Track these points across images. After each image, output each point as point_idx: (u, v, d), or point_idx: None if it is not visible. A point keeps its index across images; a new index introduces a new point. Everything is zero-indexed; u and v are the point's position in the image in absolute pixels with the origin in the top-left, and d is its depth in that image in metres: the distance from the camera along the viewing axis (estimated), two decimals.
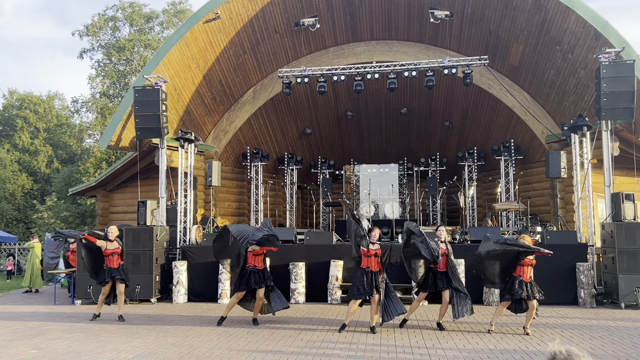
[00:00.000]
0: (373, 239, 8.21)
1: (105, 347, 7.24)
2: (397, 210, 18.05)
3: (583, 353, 1.49)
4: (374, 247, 8.25)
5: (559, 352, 1.51)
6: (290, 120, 18.59)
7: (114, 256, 9.28)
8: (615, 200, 11.10)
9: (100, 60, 33.30)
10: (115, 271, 9.25)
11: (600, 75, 11.11)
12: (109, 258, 9.27)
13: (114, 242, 9.38)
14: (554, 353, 1.52)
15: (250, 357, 6.60)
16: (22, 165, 35.79)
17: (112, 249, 9.30)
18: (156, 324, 9.06)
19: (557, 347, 1.52)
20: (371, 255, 8.18)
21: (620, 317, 9.38)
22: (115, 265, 9.29)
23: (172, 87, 14.22)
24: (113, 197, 18.61)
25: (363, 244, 8.17)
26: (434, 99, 17.50)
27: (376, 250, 8.24)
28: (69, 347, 7.29)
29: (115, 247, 9.36)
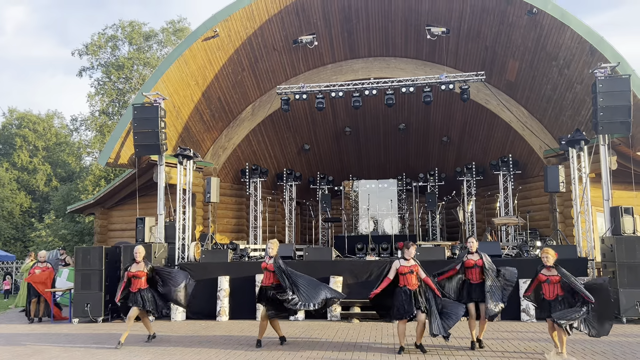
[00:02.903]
0: (408, 256, 7.73)
1: None
2: (397, 225, 18.01)
3: None
4: (408, 263, 7.72)
5: None
6: (289, 137, 18.65)
7: (135, 279, 8.63)
8: (614, 214, 11.09)
9: (99, 79, 33.54)
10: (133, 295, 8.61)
11: (597, 90, 11.17)
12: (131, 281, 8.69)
13: (140, 263, 8.72)
14: None
15: None
16: (20, 183, 35.77)
17: (134, 271, 8.66)
18: (154, 342, 8.96)
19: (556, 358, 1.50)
20: (406, 273, 7.66)
21: (622, 332, 9.30)
22: (134, 289, 8.63)
23: (171, 104, 14.28)
24: (111, 215, 18.57)
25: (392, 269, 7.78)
26: (432, 115, 17.59)
27: (411, 266, 7.68)
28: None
29: (139, 269, 8.66)
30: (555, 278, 7.19)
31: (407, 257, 7.72)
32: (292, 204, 19.23)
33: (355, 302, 11.44)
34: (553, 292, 7.21)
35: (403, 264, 7.69)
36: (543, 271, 7.32)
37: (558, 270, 7.21)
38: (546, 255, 7.30)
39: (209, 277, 11.88)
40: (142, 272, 8.63)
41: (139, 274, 8.60)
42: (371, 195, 18.20)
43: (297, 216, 20.23)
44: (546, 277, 7.25)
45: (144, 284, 8.66)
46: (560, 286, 7.17)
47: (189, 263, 12.70)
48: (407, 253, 7.74)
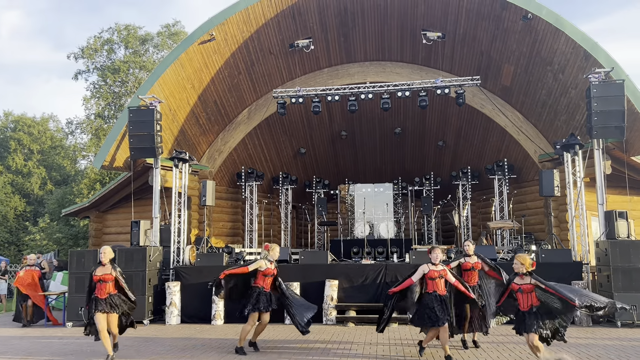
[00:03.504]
0: (435, 260, 7.31)
1: None
2: (392, 229, 18.01)
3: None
4: (437, 268, 7.30)
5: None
6: (285, 140, 18.66)
7: (101, 283, 7.57)
8: (608, 218, 11.14)
9: (95, 82, 33.47)
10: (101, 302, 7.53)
11: (591, 95, 11.24)
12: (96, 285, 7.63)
13: (106, 265, 7.71)
14: None
15: None
16: (15, 187, 35.59)
17: (100, 274, 7.63)
18: (148, 346, 8.92)
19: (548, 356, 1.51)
20: (436, 278, 7.22)
21: (616, 335, 9.33)
22: (103, 294, 7.57)
23: (167, 107, 14.27)
24: (106, 218, 18.51)
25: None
26: (428, 119, 17.64)
27: (440, 271, 7.28)
28: None
29: (105, 272, 7.64)
30: (528, 287, 6.66)
31: (434, 262, 7.33)
32: (288, 208, 19.22)
33: (351, 306, 11.43)
34: (527, 302, 6.66)
35: (432, 268, 7.28)
36: (516, 280, 6.79)
37: (532, 278, 6.68)
38: (518, 262, 6.75)
39: (204, 280, 11.81)
40: (109, 276, 7.58)
41: (106, 278, 7.55)
42: (367, 199, 18.20)
43: (293, 220, 20.21)
44: (518, 286, 6.73)
45: (112, 288, 7.64)
46: (536, 296, 6.64)
47: (184, 266, 12.66)
48: (433, 257, 7.34)
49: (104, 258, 7.68)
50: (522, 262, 6.72)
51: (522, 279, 6.72)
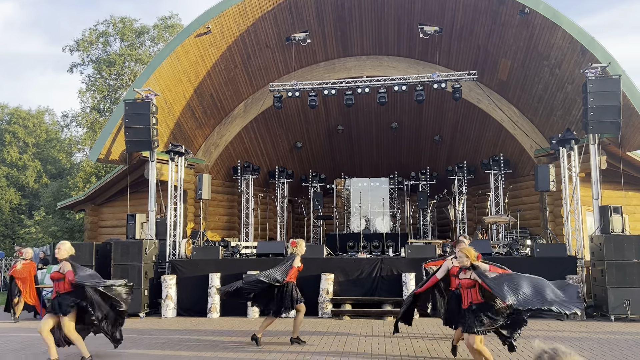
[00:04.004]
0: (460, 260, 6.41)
1: None
2: (388, 223, 18.05)
3: (570, 350, 1.49)
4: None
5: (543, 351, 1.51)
6: (281, 134, 18.63)
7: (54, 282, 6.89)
8: (603, 213, 11.19)
9: (90, 75, 33.29)
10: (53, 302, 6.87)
11: (587, 90, 11.27)
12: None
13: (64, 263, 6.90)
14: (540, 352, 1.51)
15: None
16: (10, 180, 35.46)
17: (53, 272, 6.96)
18: (144, 338, 8.93)
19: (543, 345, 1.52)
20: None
21: (610, 329, 9.39)
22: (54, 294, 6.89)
23: (163, 100, 14.22)
24: (102, 211, 18.47)
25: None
26: (424, 114, 17.65)
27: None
28: None
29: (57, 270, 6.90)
30: (467, 282, 5.98)
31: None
32: (284, 202, 19.22)
33: (347, 300, 11.47)
34: (467, 299, 6.01)
35: (455, 264, 6.57)
36: (460, 274, 6.15)
37: (474, 273, 5.91)
38: (462, 255, 6.02)
39: (200, 274, 11.86)
40: (58, 274, 6.80)
41: (56, 276, 6.82)
42: (363, 193, 18.24)
43: (289, 214, 20.22)
44: (459, 281, 6.14)
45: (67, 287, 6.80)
46: (479, 292, 5.93)
47: (180, 260, 12.66)
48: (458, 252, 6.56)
49: (58, 254, 6.94)
50: (467, 255, 5.99)
51: (464, 273, 6.03)
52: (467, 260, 5.96)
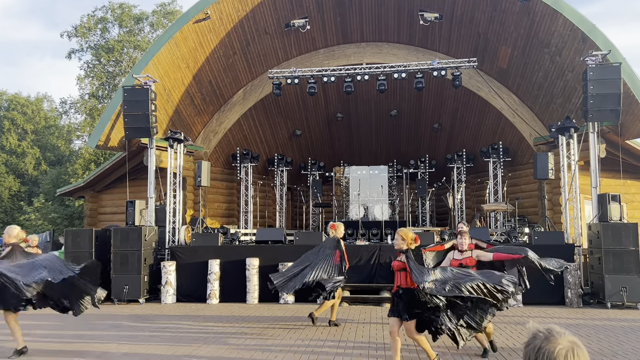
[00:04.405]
0: (462, 247, 6.48)
1: (92, 345, 7.18)
2: (387, 211, 18.11)
3: (564, 330, 1.51)
4: (462, 255, 6.49)
5: (538, 331, 1.52)
6: (281, 122, 18.60)
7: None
8: (601, 201, 11.21)
9: (89, 62, 33.12)
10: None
11: (587, 78, 11.23)
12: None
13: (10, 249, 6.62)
14: (535, 333, 1.53)
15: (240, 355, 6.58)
16: (9, 167, 35.43)
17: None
18: (144, 323, 8.99)
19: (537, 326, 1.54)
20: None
21: (606, 316, 9.47)
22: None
23: (162, 87, 14.16)
24: (101, 198, 18.49)
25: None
26: (424, 101, 17.60)
27: (462, 260, 6.42)
28: (55, 345, 7.22)
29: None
30: (397, 264, 5.74)
31: (461, 249, 6.54)
32: (283, 190, 19.25)
33: (345, 286, 11.51)
34: (396, 282, 5.78)
35: (456, 257, 6.54)
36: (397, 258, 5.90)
37: (406, 257, 5.61)
38: (399, 237, 5.70)
39: (200, 260, 11.90)
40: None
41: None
42: (362, 181, 18.25)
43: (288, 202, 20.26)
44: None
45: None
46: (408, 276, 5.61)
47: (180, 246, 12.70)
48: (460, 243, 6.55)
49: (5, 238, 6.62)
50: (404, 237, 5.66)
51: (399, 257, 5.78)
52: (402, 242, 5.64)
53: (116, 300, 11.54)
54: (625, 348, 6.81)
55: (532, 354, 1.48)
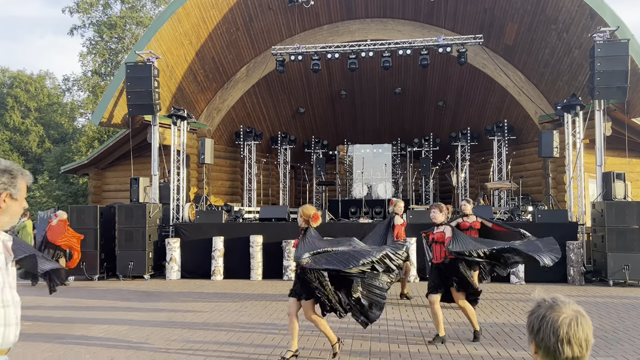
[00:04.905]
0: (436, 220, 6.10)
1: (100, 319, 7.27)
2: (390, 190, 18.11)
3: (569, 300, 1.51)
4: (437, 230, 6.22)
5: (543, 300, 1.53)
6: (284, 99, 18.49)
7: None
8: (606, 180, 11.17)
9: (91, 38, 32.90)
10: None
11: (595, 54, 11.08)
12: None
13: None
14: (539, 301, 1.53)
15: (242, 331, 6.65)
16: (12, 144, 35.48)
17: None
18: (149, 299, 9.10)
19: (542, 295, 1.54)
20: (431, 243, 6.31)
21: (608, 294, 9.52)
22: None
23: (165, 63, 14.07)
24: (105, 175, 18.53)
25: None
26: (428, 79, 17.45)
27: (436, 235, 6.16)
28: (63, 318, 7.32)
29: None
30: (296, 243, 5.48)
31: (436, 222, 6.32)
32: (287, 168, 19.24)
33: None
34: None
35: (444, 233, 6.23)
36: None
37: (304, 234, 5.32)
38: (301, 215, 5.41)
39: (204, 237, 11.97)
40: None
41: None
42: (365, 159, 18.20)
43: (292, 180, 20.27)
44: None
45: None
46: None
47: (184, 223, 12.77)
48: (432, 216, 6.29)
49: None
50: (302, 215, 5.38)
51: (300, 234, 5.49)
52: (301, 220, 5.38)
53: (121, 276, 11.66)
54: (626, 324, 6.85)
55: (535, 323, 1.49)
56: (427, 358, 5.35)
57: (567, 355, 1.45)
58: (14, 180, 2.17)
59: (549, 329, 1.45)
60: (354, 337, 6.26)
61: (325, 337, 5.52)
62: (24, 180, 2.22)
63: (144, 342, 6.08)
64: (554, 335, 1.45)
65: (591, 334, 1.48)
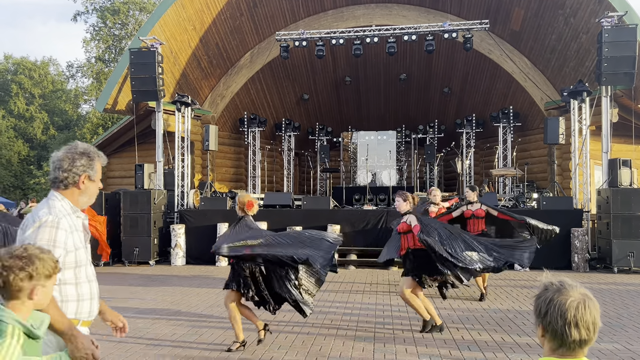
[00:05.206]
0: (400, 209, 5.95)
1: None
2: (394, 177, 18.08)
3: (576, 283, 1.50)
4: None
5: (550, 283, 1.52)
6: (288, 86, 18.41)
7: None
8: (612, 167, 11.12)
9: (94, 24, 32.80)
10: None
11: (602, 40, 10.97)
12: None
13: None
14: (547, 285, 1.53)
15: None
16: (17, 131, 35.58)
17: None
18: (155, 284, 9.16)
19: (549, 278, 1.53)
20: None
21: (612, 280, 9.52)
22: None
23: (168, 49, 14.01)
24: (110, 162, 18.54)
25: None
26: (434, 65, 17.31)
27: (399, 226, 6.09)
28: None
29: None
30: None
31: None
32: (291, 155, 19.21)
33: (352, 250, 11.63)
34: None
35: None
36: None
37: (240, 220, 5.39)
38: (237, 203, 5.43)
39: (208, 223, 12.01)
40: None
41: None
42: (370, 146, 18.14)
43: (296, 167, 20.25)
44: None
45: None
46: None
47: (189, 210, 12.81)
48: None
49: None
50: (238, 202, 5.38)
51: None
52: (238, 209, 5.36)
53: (126, 262, 11.74)
54: (630, 311, 6.86)
55: (543, 306, 1.48)
56: (431, 343, 5.38)
57: (574, 338, 1.45)
58: (92, 163, 2.33)
59: (557, 312, 1.45)
60: (359, 322, 6.30)
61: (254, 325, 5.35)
62: (100, 162, 2.38)
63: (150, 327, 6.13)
64: (562, 318, 1.44)
65: (599, 317, 1.48)
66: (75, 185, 2.29)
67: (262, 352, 5.06)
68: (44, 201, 2.30)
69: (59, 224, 2.17)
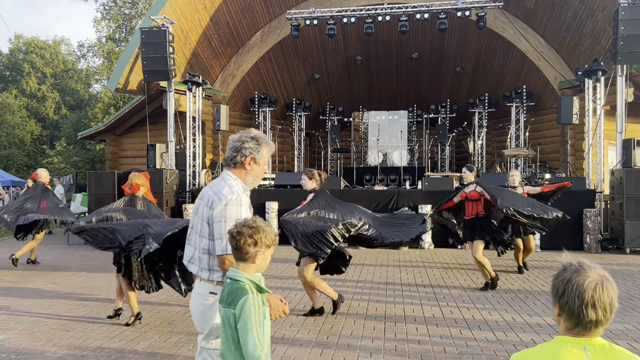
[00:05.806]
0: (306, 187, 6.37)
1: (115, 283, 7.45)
2: (405, 157, 18.02)
3: (594, 265, 1.52)
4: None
5: (569, 264, 1.53)
6: (299, 65, 18.30)
7: None
8: (626, 147, 10.99)
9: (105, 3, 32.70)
10: None
11: (619, 17, 10.75)
12: None
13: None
14: (565, 265, 1.54)
15: None
16: (30, 111, 35.81)
17: None
18: None
19: (568, 259, 1.55)
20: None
21: (625, 261, 9.50)
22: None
23: (179, 29, 13.95)
24: (122, 142, 18.68)
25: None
26: (446, 44, 17.09)
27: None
28: (83, 282, 7.53)
29: None
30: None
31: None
32: (302, 135, 19.20)
33: None
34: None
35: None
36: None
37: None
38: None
39: None
40: None
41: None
42: (381, 126, 18.06)
43: (307, 147, 20.25)
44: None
45: None
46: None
47: (200, 189, 12.89)
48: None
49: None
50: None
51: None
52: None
53: None
54: None
55: (560, 286, 1.50)
56: (441, 322, 5.43)
57: (590, 318, 1.47)
58: (259, 147, 2.65)
59: (574, 292, 1.47)
60: (369, 300, 6.37)
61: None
62: (268, 148, 2.69)
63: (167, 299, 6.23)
64: (579, 298, 1.46)
65: (616, 298, 1.49)
66: (242, 166, 2.63)
67: (274, 329, 5.15)
68: (220, 179, 2.63)
69: (241, 202, 2.52)
